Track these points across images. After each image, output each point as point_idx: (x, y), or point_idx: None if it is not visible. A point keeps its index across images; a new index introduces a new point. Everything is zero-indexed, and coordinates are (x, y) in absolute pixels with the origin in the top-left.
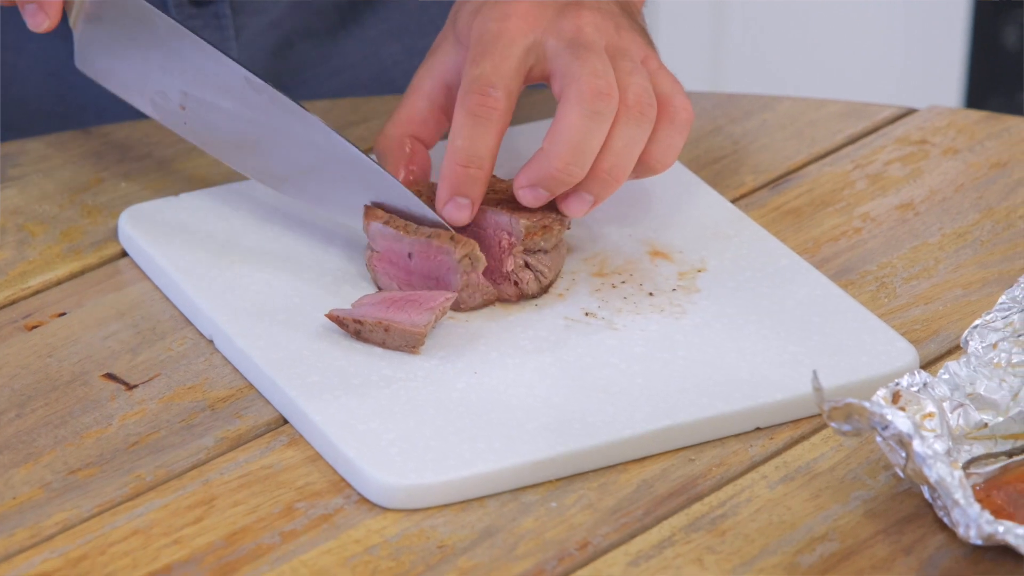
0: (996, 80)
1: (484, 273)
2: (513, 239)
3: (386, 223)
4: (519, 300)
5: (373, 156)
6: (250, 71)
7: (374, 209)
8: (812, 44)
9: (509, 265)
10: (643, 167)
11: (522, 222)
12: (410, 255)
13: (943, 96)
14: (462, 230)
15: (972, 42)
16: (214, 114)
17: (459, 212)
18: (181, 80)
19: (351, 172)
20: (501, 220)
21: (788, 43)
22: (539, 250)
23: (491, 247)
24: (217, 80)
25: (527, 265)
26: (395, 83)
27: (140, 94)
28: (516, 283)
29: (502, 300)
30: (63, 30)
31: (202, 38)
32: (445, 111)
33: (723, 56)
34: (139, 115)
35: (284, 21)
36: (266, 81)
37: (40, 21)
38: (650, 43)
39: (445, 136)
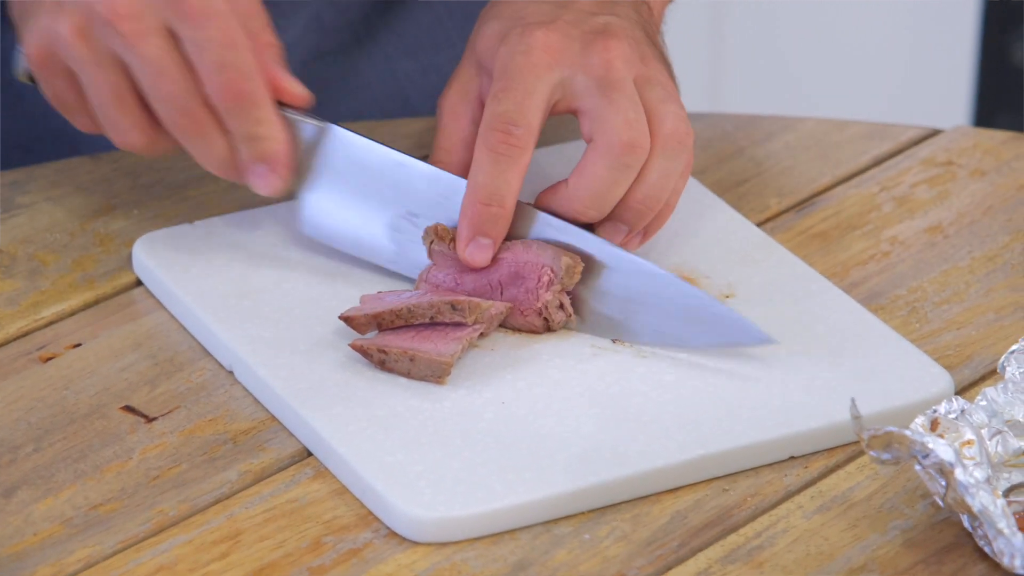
0: (1004, 98)
1: (515, 304)
2: (554, 276)
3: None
4: (544, 332)
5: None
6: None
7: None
8: (816, 64)
9: (543, 300)
10: None
11: (564, 260)
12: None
13: (951, 114)
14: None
15: (980, 59)
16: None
17: (480, 253)
18: (406, 205)
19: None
20: (545, 256)
21: (792, 63)
22: (572, 291)
23: (528, 279)
24: (439, 198)
25: (561, 306)
26: (409, 100)
27: (374, 243)
28: (546, 319)
29: (529, 331)
30: None
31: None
32: None
33: (722, 76)
34: None
35: (300, 43)
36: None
37: (270, 183)
38: (672, 73)
39: None
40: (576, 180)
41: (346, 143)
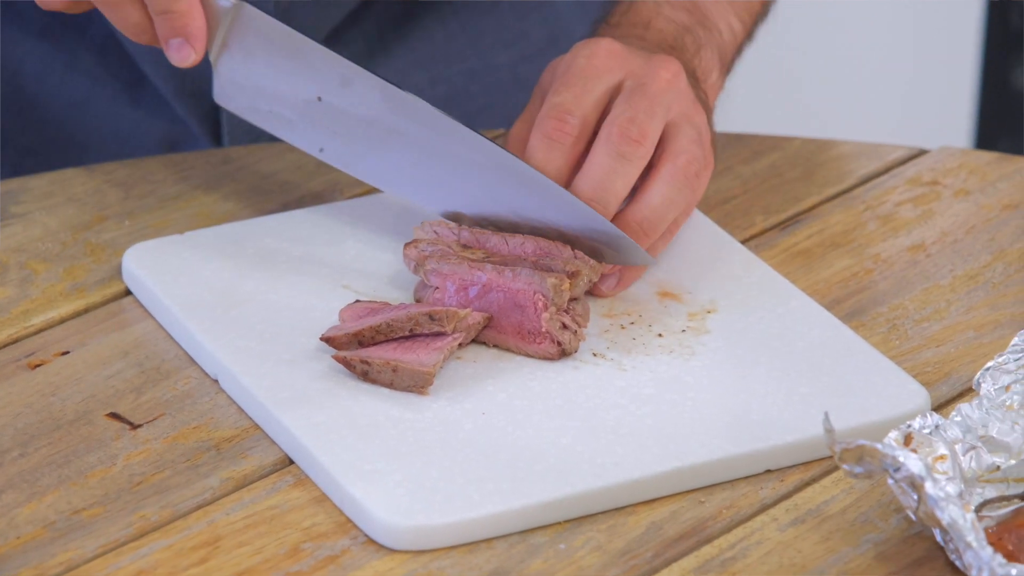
0: (1005, 121)
1: (520, 334)
2: (546, 300)
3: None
4: (561, 357)
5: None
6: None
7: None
8: (820, 85)
9: (545, 326)
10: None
11: (549, 281)
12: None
13: (952, 137)
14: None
15: (982, 83)
16: (353, 123)
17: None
18: (312, 88)
19: (508, 180)
20: (533, 282)
21: (796, 84)
22: (570, 306)
23: (527, 307)
24: (359, 95)
25: (564, 326)
26: None
27: (281, 120)
28: (559, 343)
29: (546, 358)
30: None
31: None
32: None
33: (726, 95)
34: (142, 152)
35: None
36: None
37: (186, 55)
38: (714, 138)
39: None
40: (578, 175)
41: (258, 21)
